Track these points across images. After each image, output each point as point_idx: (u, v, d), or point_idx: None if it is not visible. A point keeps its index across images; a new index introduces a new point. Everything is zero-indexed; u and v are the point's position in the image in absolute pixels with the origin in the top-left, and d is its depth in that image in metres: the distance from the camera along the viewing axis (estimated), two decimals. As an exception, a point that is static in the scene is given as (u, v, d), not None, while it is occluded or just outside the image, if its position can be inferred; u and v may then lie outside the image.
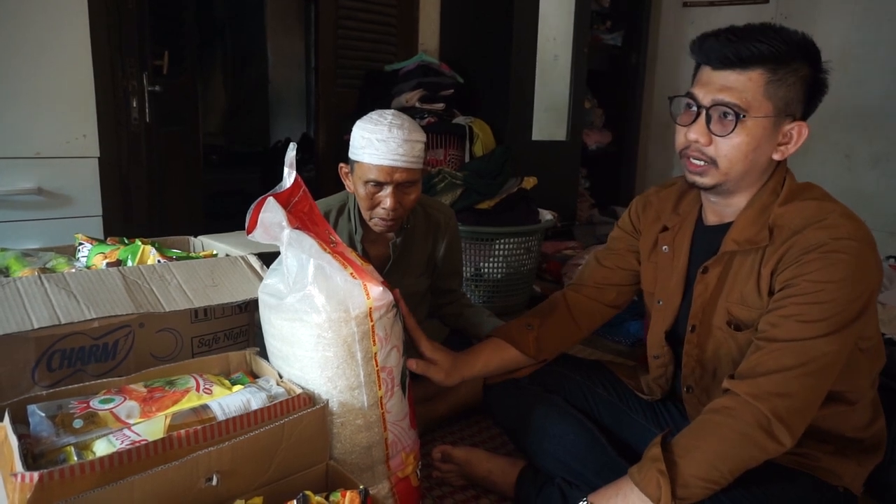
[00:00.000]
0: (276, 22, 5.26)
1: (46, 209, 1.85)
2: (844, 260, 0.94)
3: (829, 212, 0.99)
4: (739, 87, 0.98)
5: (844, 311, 0.94)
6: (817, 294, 0.94)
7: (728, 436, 0.93)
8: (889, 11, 3.20)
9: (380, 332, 1.04)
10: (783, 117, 1.01)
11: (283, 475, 0.96)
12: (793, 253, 0.98)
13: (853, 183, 3.42)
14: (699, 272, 1.12)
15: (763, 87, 0.98)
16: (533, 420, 1.27)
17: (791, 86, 0.99)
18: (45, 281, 1.08)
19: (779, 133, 1.02)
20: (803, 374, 0.93)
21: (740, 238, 1.06)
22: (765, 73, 0.97)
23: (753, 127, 0.99)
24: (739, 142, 1.00)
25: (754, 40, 0.96)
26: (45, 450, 0.85)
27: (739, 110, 0.98)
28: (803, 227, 0.99)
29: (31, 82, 1.78)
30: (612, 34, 3.96)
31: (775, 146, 1.03)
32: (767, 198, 1.06)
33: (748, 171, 1.03)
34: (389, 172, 1.36)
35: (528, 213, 2.59)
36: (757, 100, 0.98)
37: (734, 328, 1.08)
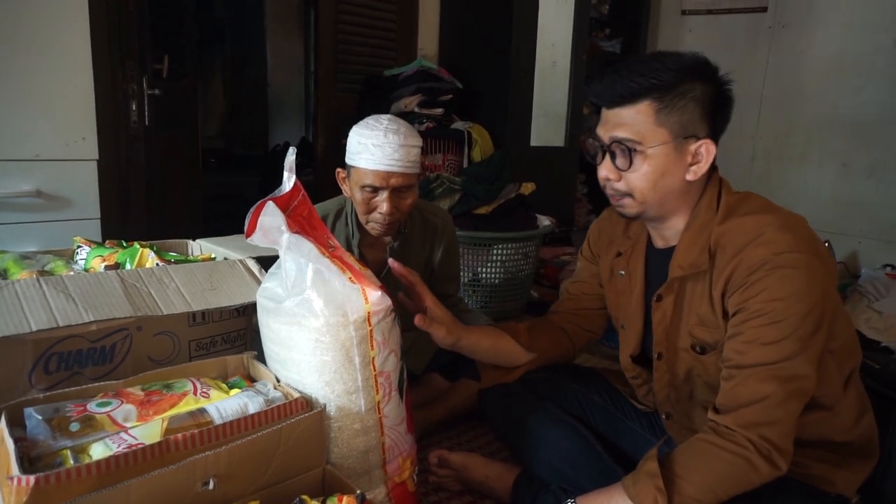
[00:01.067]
0: (276, 26, 5.27)
1: (45, 212, 1.85)
2: (789, 274, 0.94)
3: (766, 226, 0.98)
4: (631, 121, 1.01)
5: (803, 324, 0.94)
6: (771, 314, 0.94)
7: (728, 459, 0.93)
8: (886, 20, 3.22)
9: (378, 337, 1.04)
10: (683, 140, 1.02)
11: (279, 479, 0.96)
12: (738, 275, 0.98)
13: (850, 191, 3.43)
14: (654, 300, 1.13)
15: (653, 117, 1.00)
16: (528, 427, 1.27)
17: (683, 109, 1.00)
18: (44, 283, 1.08)
19: (685, 155, 1.03)
20: (784, 399, 0.93)
21: (684, 263, 1.06)
22: (652, 102, 1.00)
23: (653, 156, 1.01)
24: (644, 172, 1.02)
25: (636, 75, 1.00)
26: (42, 453, 0.85)
27: (634, 143, 1.01)
28: (743, 245, 0.98)
29: (30, 85, 1.78)
30: (611, 41, 3.97)
31: (686, 168, 1.03)
32: (704, 216, 1.05)
33: (665, 197, 1.05)
34: (385, 177, 1.37)
35: (526, 218, 2.59)
36: (650, 130, 1.00)
37: (699, 351, 1.08)
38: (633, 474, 0.98)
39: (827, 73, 3.42)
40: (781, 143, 3.63)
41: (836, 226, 3.40)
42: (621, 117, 1.02)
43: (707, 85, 1.01)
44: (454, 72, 3.10)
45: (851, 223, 3.41)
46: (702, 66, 1.02)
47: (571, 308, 1.37)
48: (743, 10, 3.65)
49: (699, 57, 1.02)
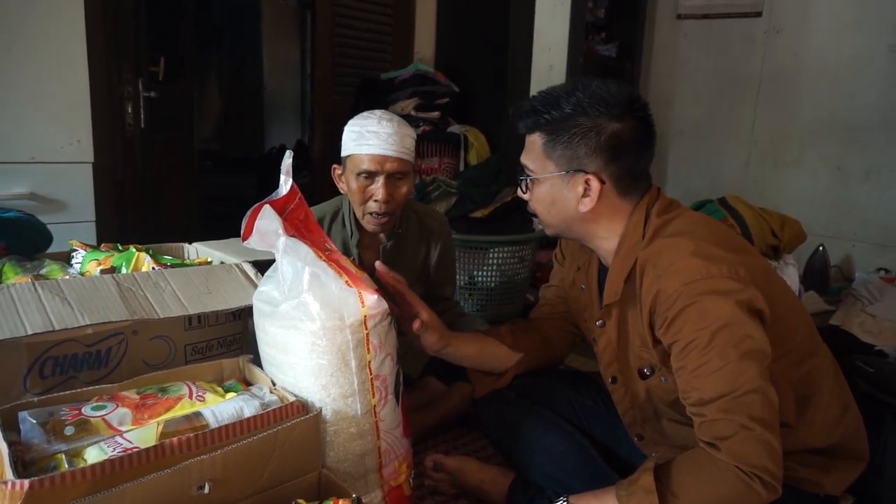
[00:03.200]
0: (272, 29, 5.27)
1: (40, 214, 1.82)
2: (709, 301, 0.92)
3: (677, 250, 0.97)
4: (529, 149, 1.09)
5: (741, 341, 0.92)
6: (705, 339, 0.92)
7: (730, 481, 0.91)
8: (880, 25, 3.24)
9: (374, 341, 1.04)
10: (572, 173, 1.04)
11: (275, 483, 0.96)
12: (661, 307, 0.97)
13: (845, 195, 3.44)
14: (598, 326, 1.14)
15: (542, 148, 1.06)
16: (522, 433, 1.27)
17: (568, 143, 1.03)
18: (39, 287, 1.08)
19: (574, 187, 1.05)
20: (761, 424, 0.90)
21: (611, 291, 1.07)
22: (542, 135, 1.06)
23: (541, 184, 1.08)
24: (536, 198, 1.10)
25: (532, 109, 1.06)
26: (36, 457, 0.85)
27: (528, 171, 1.10)
28: (658, 275, 0.97)
29: (26, 87, 1.77)
30: (607, 45, 3.98)
31: (577, 199, 1.05)
32: (631, 239, 1.05)
33: (565, 223, 1.09)
34: (381, 162, 1.39)
35: (523, 221, 2.60)
36: (539, 160, 1.07)
37: (647, 373, 1.08)
38: (628, 485, 0.97)
39: (821, 78, 3.43)
40: (776, 147, 3.64)
41: (831, 229, 3.41)
42: (526, 144, 1.10)
43: (602, 120, 1.02)
44: (450, 75, 3.10)
45: (845, 227, 3.42)
46: (598, 104, 1.02)
47: (548, 313, 1.38)
48: (738, 15, 3.67)
49: (609, 92, 1.03)
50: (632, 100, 1.04)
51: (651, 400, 1.12)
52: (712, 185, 3.78)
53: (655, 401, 1.11)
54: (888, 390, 1.42)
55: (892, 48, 3.22)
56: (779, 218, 2.33)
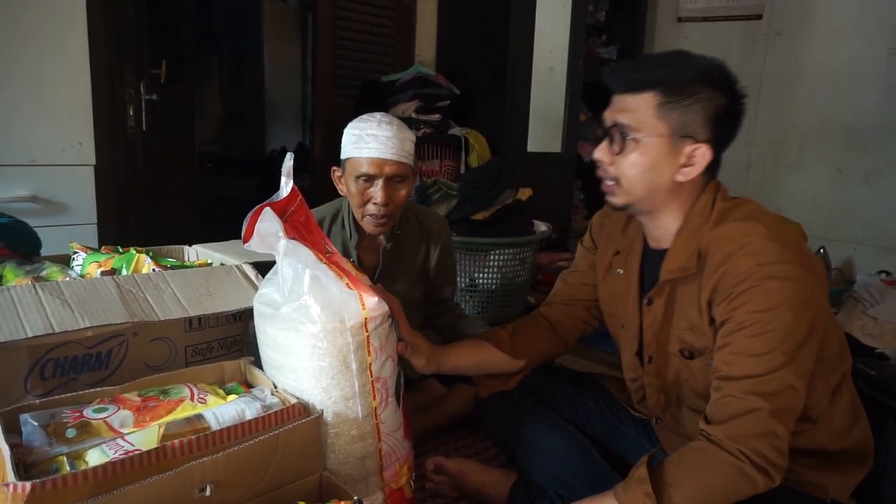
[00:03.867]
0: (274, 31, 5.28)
1: (41, 217, 1.85)
2: (775, 286, 0.93)
3: (752, 234, 0.97)
4: (634, 107, 1.03)
5: (791, 335, 0.93)
6: (758, 325, 0.94)
7: (721, 470, 0.92)
8: (880, 28, 3.25)
9: (375, 343, 1.04)
10: (680, 138, 1.02)
11: (276, 485, 0.96)
12: (725, 284, 0.98)
13: (845, 198, 3.44)
14: (644, 303, 1.13)
15: (655, 109, 1.01)
16: (525, 434, 1.27)
17: (686, 108, 1.01)
18: (40, 289, 1.08)
19: (678, 154, 1.03)
20: (773, 412, 0.92)
21: (674, 266, 1.06)
22: (657, 95, 1.01)
23: (647, 146, 1.02)
24: (634, 160, 1.03)
25: (648, 66, 1.03)
26: (38, 459, 0.85)
27: (631, 130, 1.02)
28: (730, 254, 0.98)
29: (28, 90, 1.78)
30: (608, 47, 3.99)
31: (677, 168, 1.03)
32: (697, 220, 1.05)
33: (652, 192, 1.05)
34: (380, 165, 1.39)
35: (523, 224, 2.60)
36: (649, 121, 1.02)
37: (687, 356, 1.08)
38: (625, 481, 0.98)
39: (821, 81, 3.44)
40: (777, 149, 3.64)
41: (832, 232, 3.41)
42: (626, 103, 1.03)
43: (718, 93, 1.02)
44: (451, 78, 3.11)
45: (846, 229, 3.42)
46: (718, 74, 1.02)
47: (568, 298, 1.35)
48: (738, 18, 3.68)
49: (718, 64, 1.03)
50: (732, 77, 1.03)
51: (680, 385, 1.11)
52: (713, 188, 3.78)
53: (685, 386, 1.10)
54: (890, 393, 1.42)
55: (892, 51, 3.22)
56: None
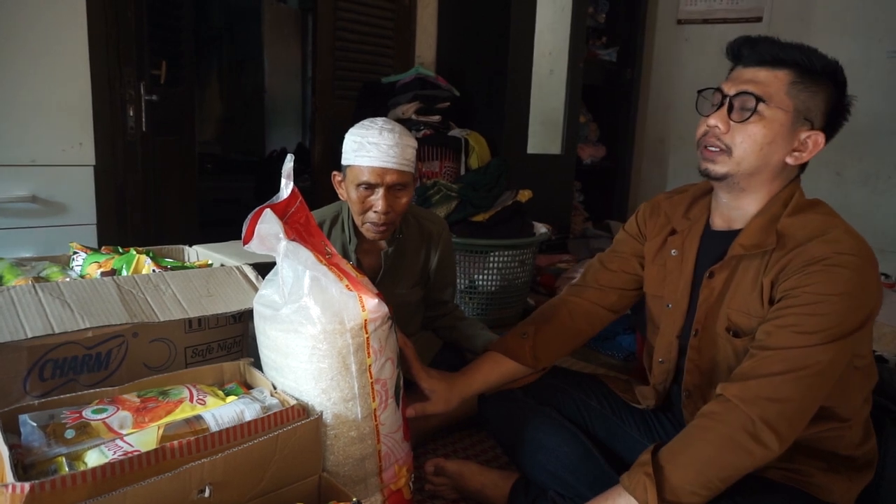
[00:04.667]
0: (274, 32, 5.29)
1: (41, 217, 1.85)
2: (846, 275, 0.95)
3: (833, 226, 1.01)
4: (765, 81, 1.04)
5: (841, 323, 0.95)
6: (816, 306, 0.96)
7: (714, 440, 0.94)
8: (879, 31, 3.25)
9: (374, 344, 1.04)
10: (802, 120, 1.04)
11: (275, 487, 0.96)
12: (795, 264, 1.00)
13: (844, 200, 3.45)
14: (706, 277, 1.13)
15: (787, 86, 1.03)
16: (527, 432, 1.27)
17: (814, 94, 1.04)
18: (39, 290, 1.08)
19: (795, 135, 1.05)
20: (793, 380, 0.94)
21: (748, 243, 1.07)
22: (791, 73, 1.03)
23: (771, 118, 1.03)
24: (755, 131, 1.04)
25: (788, 46, 1.04)
26: (36, 460, 0.85)
27: (760, 98, 1.03)
28: (807, 239, 1.00)
29: (28, 90, 1.78)
30: (608, 50, 3.99)
31: (790, 149, 1.06)
32: (777, 209, 1.08)
33: (760, 167, 1.06)
34: (381, 174, 1.38)
35: (523, 225, 2.60)
36: (779, 95, 1.03)
37: (733, 334, 1.09)
38: (630, 470, 0.99)
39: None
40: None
41: (831, 234, 3.42)
42: (756, 76, 1.05)
43: (835, 88, 1.05)
44: (451, 79, 3.11)
45: (846, 232, 3.43)
46: (839, 73, 1.05)
47: (605, 283, 1.33)
48: (738, 20, 3.69)
49: (839, 64, 1.06)
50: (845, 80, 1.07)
51: (715, 363, 1.12)
52: (712, 190, 3.78)
53: (723, 366, 1.11)
54: (888, 396, 1.42)
55: (891, 54, 3.23)
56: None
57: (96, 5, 1.89)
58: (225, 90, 5.48)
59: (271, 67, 5.37)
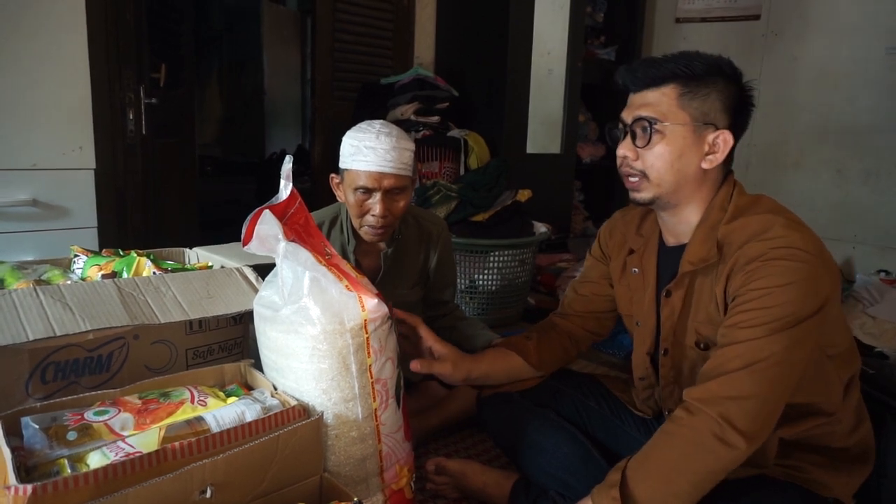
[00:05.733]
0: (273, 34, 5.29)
1: (42, 221, 1.85)
2: (786, 266, 0.95)
3: (771, 225, 1.00)
4: (655, 101, 1.06)
5: (792, 313, 0.94)
6: (760, 300, 0.96)
7: (679, 446, 0.93)
8: (878, 28, 3.25)
9: (375, 344, 1.04)
10: (703, 126, 1.05)
11: (277, 487, 0.96)
12: (736, 267, 1.00)
13: (845, 198, 3.45)
14: (663, 296, 1.14)
15: (677, 100, 1.05)
16: (526, 434, 1.27)
17: (706, 97, 1.05)
18: (41, 293, 1.08)
19: (702, 142, 1.06)
20: (750, 374, 0.93)
21: (694, 258, 1.08)
22: (677, 86, 1.06)
23: (672, 135, 1.05)
24: (661, 151, 1.06)
25: (664, 62, 1.06)
26: (39, 462, 0.85)
27: (655, 121, 1.05)
28: (746, 241, 1.01)
29: (28, 94, 1.78)
30: (607, 49, 3.99)
31: (702, 155, 1.06)
32: (716, 215, 1.08)
33: (680, 182, 1.08)
34: (378, 178, 1.38)
35: (523, 225, 2.60)
36: (672, 111, 1.05)
37: (703, 348, 1.09)
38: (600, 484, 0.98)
39: (820, 81, 3.44)
40: (776, 150, 3.65)
41: (831, 232, 3.42)
42: (646, 99, 1.07)
43: (730, 83, 1.06)
44: (450, 80, 3.11)
45: (846, 229, 3.43)
46: (727, 66, 1.06)
47: (582, 310, 1.37)
48: (736, 18, 3.68)
49: (726, 59, 1.07)
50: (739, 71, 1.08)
51: (693, 378, 1.12)
52: (712, 188, 3.78)
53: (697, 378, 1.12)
54: (889, 392, 1.42)
55: (890, 51, 3.23)
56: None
57: (96, 9, 1.89)
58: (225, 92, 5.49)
59: (271, 69, 5.38)
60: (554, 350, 1.36)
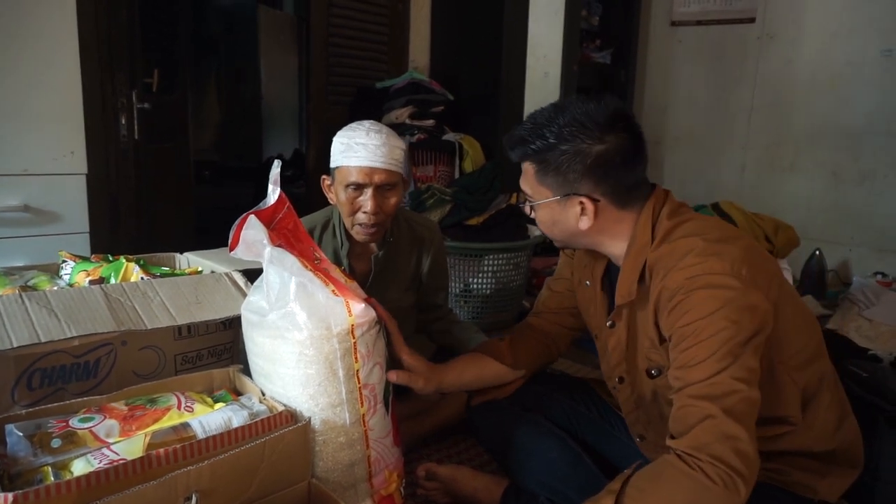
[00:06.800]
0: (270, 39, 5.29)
1: (33, 226, 1.85)
2: (704, 295, 0.94)
3: (688, 251, 0.98)
4: (524, 177, 1.12)
5: (730, 339, 0.92)
6: (694, 336, 0.94)
7: (684, 483, 0.89)
8: (873, 31, 3.25)
9: (362, 349, 1.04)
10: (566, 196, 1.06)
11: (264, 494, 0.96)
12: (662, 302, 0.99)
13: (841, 200, 3.45)
14: (607, 325, 1.14)
15: (534, 177, 1.09)
16: (516, 440, 1.26)
17: (557, 170, 1.05)
18: (26, 299, 1.07)
19: (571, 208, 1.07)
20: (728, 412, 0.90)
21: (624, 292, 1.07)
22: (532, 164, 1.09)
23: (540, 209, 1.11)
24: (540, 218, 1.13)
25: (518, 140, 1.08)
26: (23, 470, 0.85)
27: (527, 197, 1.13)
28: (666, 271, 0.99)
29: (19, 99, 1.78)
30: (602, 52, 4.00)
31: (576, 217, 1.07)
32: (640, 241, 1.06)
33: (572, 238, 1.12)
34: (369, 174, 1.39)
35: (517, 228, 2.60)
36: (534, 188, 1.10)
37: (655, 374, 1.08)
38: (596, 496, 0.95)
39: (815, 83, 3.44)
40: (772, 152, 3.65)
41: (828, 234, 3.42)
42: (523, 170, 1.12)
43: (589, 145, 1.02)
44: (445, 84, 3.11)
45: (842, 231, 3.43)
46: (585, 127, 1.02)
47: (555, 307, 1.37)
48: (731, 21, 3.69)
49: (587, 114, 1.02)
50: (614, 117, 1.03)
51: (657, 401, 1.11)
52: (709, 191, 3.78)
53: (662, 402, 1.10)
54: (882, 395, 1.41)
55: (885, 53, 3.23)
56: (772, 223, 2.33)
57: (87, 13, 1.89)
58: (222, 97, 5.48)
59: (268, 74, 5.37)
60: (530, 348, 1.35)
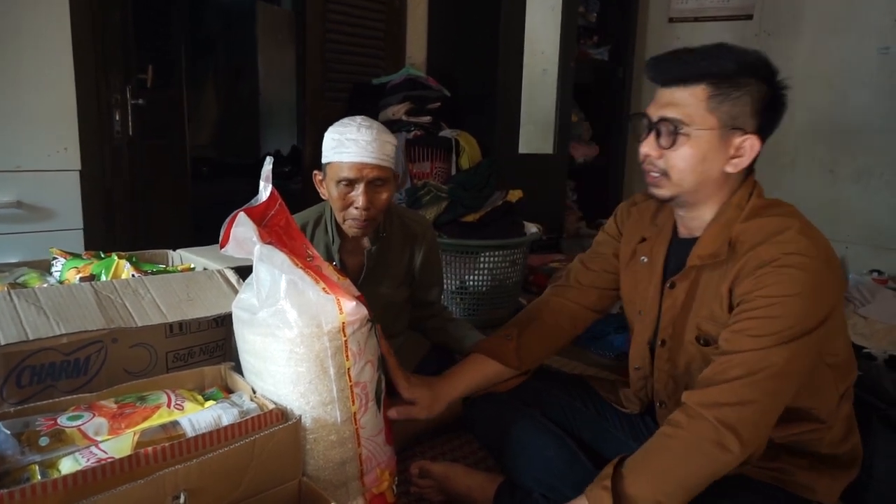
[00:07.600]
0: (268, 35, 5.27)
1: (26, 223, 1.84)
2: (797, 275, 0.95)
3: (785, 228, 0.99)
4: (683, 102, 1.02)
5: (797, 324, 0.94)
6: (769, 308, 0.95)
7: (676, 448, 0.94)
8: (870, 28, 3.25)
9: (353, 347, 1.03)
10: (730, 130, 1.03)
11: (254, 492, 0.95)
12: (747, 269, 0.99)
13: (837, 197, 3.45)
14: (666, 287, 1.13)
15: (706, 102, 1.01)
16: (512, 435, 1.26)
17: (736, 100, 1.01)
18: (14, 296, 1.07)
19: (728, 146, 1.04)
20: (752, 383, 0.93)
21: (704, 253, 1.07)
22: (707, 88, 1.01)
23: (697, 139, 1.02)
24: (685, 154, 1.03)
25: (698, 59, 1.01)
26: (10, 468, 0.84)
27: (681, 124, 1.02)
28: (759, 243, 1.00)
29: (12, 94, 1.77)
30: (600, 49, 3.99)
31: (727, 159, 1.04)
32: (732, 213, 1.07)
33: (701, 183, 1.06)
34: (360, 169, 1.39)
35: (513, 225, 2.59)
36: (700, 114, 1.02)
37: (703, 343, 1.08)
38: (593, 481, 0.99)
39: (813, 81, 3.44)
40: (770, 149, 3.58)
41: (824, 231, 3.36)
42: (674, 97, 1.03)
43: (763, 84, 1.02)
44: (442, 80, 3.11)
45: (838, 229, 3.42)
46: (762, 66, 1.03)
47: (587, 283, 1.33)
48: (729, 18, 3.68)
49: (761, 56, 1.03)
50: (774, 69, 1.04)
51: (689, 373, 1.11)
52: (706, 188, 3.77)
53: (693, 374, 1.10)
54: (876, 393, 1.41)
55: (882, 50, 3.22)
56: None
57: (81, 9, 1.88)
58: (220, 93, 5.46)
59: (265, 69, 5.36)
60: (537, 345, 1.34)
